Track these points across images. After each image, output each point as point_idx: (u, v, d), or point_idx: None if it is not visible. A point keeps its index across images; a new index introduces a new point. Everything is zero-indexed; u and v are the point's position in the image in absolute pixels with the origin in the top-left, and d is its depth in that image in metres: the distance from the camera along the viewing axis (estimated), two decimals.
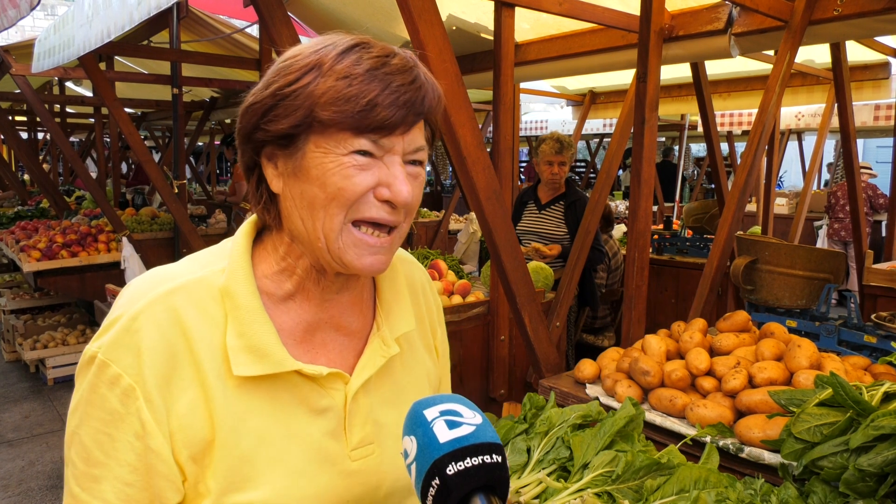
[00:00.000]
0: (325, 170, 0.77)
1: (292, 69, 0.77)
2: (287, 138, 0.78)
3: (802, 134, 12.75)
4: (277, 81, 0.77)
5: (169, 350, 0.76)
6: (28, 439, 4.29)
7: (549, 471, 1.52)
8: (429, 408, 0.70)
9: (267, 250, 0.86)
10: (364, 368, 0.87)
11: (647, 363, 2.00)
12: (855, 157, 4.40)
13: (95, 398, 0.75)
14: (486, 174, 2.09)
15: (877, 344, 2.29)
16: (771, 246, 2.68)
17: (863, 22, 2.88)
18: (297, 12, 3.94)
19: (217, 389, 0.77)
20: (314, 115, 0.75)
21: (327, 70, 0.76)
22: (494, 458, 0.66)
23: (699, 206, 5.78)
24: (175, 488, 0.76)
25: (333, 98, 0.74)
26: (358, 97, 0.74)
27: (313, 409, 0.83)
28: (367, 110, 0.75)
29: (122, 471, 0.74)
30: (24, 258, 5.08)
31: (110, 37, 2.78)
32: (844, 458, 1.38)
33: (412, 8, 1.81)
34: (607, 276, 4.66)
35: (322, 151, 0.77)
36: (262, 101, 0.78)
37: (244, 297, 0.80)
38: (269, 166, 0.81)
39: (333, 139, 0.76)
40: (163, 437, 0.75)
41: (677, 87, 6.00)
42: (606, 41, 3.59)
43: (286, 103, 0.76)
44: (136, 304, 0.77)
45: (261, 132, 0.79)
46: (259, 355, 0.78)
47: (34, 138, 11.44)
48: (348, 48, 0.77)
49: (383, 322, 0.91)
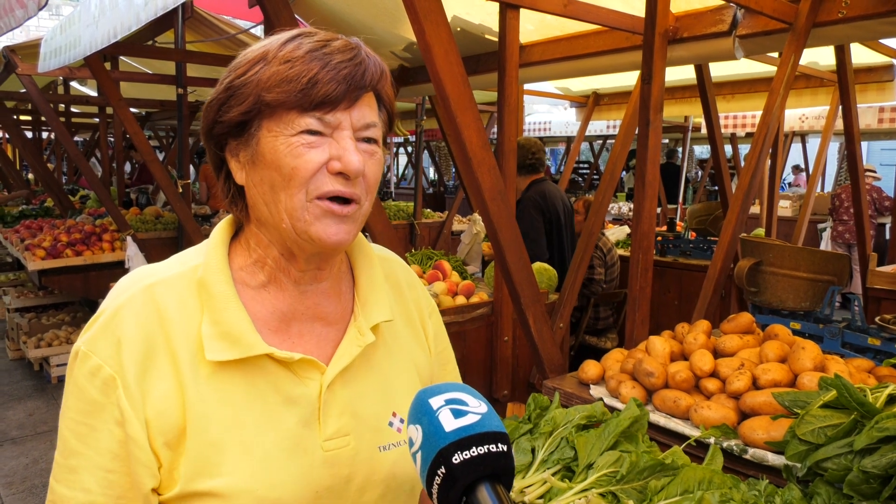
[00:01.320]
0: (277, 152, 0.80)
1: (241, 63, 0.82)
2: (241, 126, 0.82)
3: (806, 136, 12.73)
4: (229, 77, 0.82)
5: (147, 340, 0.79)
6: (32, 437, 4.31)
7: (553, 471, 1.52)
8: (434, 396, 0.70)
9: (241, 244, 0.89)
10: (340, 358, 0.88)
11: (652, 364, 2.00)
12: (859, 160, 4.40)
13: (75, 390, 0.78)
14: (492, 175, 2.10)
15: (881, 346, 2.29)
16: (775, 248, 2.69)
17: (868, 24, 2.88)
18: (302, 13, 3.95)
19: (190, 377, 0.80)
20: (261, 99, 0.79)
21: (272, 58, 0.80)
22: (500, 448, 0.66)
23: (702, 208, 5.77)
24: (151, 474, 0.78)
25: (277, 80, 0.79)
26: (299, 76, 0.78)
27: (287, 397, 0.84)
28: (308, 87, 0.78)
29: (103, 459, 0.77)
30: (28, 257, 5.10)
31: (117, 37, 2.79)
32: (849, 460, 1.38)
33: (418, 9, 1.82)
34: (605, 272, 4.66)
35: (273, 135, 0.80)
36: (217, 97, 0.83)
37: (218, 286, 0.83)
38: (233, 160, 0.85)
39: (282, 121, 0.80)
40: (140, 425, 0.77)
41: (681, 88, 5.99)
42: (611, 43, 3.59)
43: (237, 93, 0.81)
44: (118, 298, 0.82)
45: (218, 126, 0.84)
46: (231, 341, 0.81)
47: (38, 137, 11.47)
48: (291, 37, 0.82)
49: (360, 312, 0.93)
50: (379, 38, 4.14)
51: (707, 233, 5.55)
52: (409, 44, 4.15)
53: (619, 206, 10.37)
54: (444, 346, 1.08)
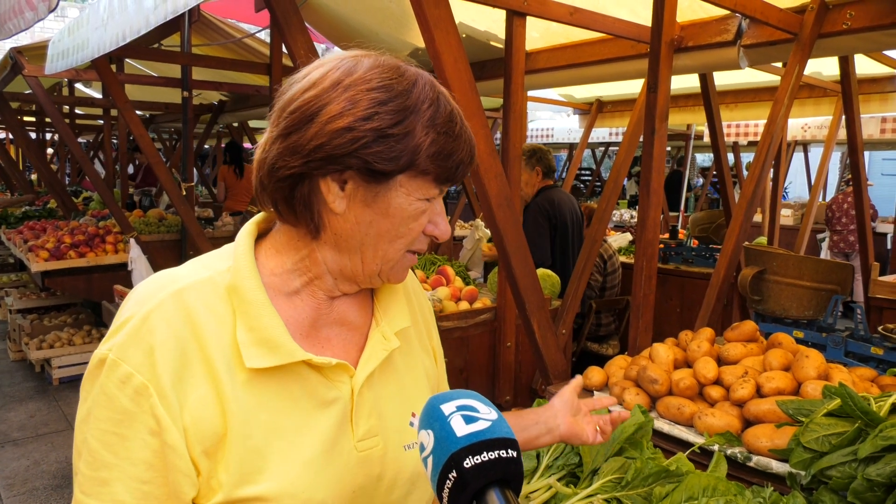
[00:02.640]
0: (404, 211, 0.84)
1: (394, 108, 0.80)
2: (382, 175, 0.82)
3: (808, 145, 12.75)
4: (380, 117, 0.79)
5: (180, 347, 0.78)
6: (33, 439, 4.31)
7: (558, 476, 1.53)
8: (445, 403, 0.72)
9: (275, 249, 0.88)
10: (368, 361, 0.90)
11: (656, 371, 2.01)
12: (862, 170, 4.42)
13: (104, 399, 0.76)
14: (498, 181, 2.11)
15: (883, 356, 2.30)
16: (779, 257, 2.70)
17: (872, 36, 2.90)
18: (308, 19, 3.97)
19: (228, 384, 0.79)
20: (416, 162, 0.81)
21: (428, 120, 0.81)
22: (510, 453, 0.68)
23: (705, 216, 5.78)
24: (191, 483, 0.77)
25: (437, 153, 0.82)
26: (454, 154, 0.83)
27: (321, 401, 0.85)
28: (455, 167, 0.84)
29: (137, 469, 0.75)
30: (32, 258, 5.11)
31: (125, 40, 2.80)
32: (853, 468, 1.39)
33: (428, 17, 1.83)
34: (603, 279, 4.67)
35: (405, 192, 0.83)
36: (364, 132, 0.79)
37: (251, 293, 0.82)
38: (334, 186, 0.82)
39: (418, 184, 0.83)
40: (178, 433, 0.76)
41: (684, 97, 6.01)
42: (616, 51, 3.61)
43: (391, 144, 0.80)
44: (146, 304, 0.80)
45: (356, 160, 0.80)
46: (270, 347, 0.81)
47: (42, 139, 11.50)
48: (436, 97, 0.83)
49: (382, 317, 0.95)
50: (385, 44, 4.15)
51: (709, 241, 5.56)
52: (415, 49, 4.17)
53: (620, 213, 10.38)
54: (440, 348, 1.12)
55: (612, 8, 3.29)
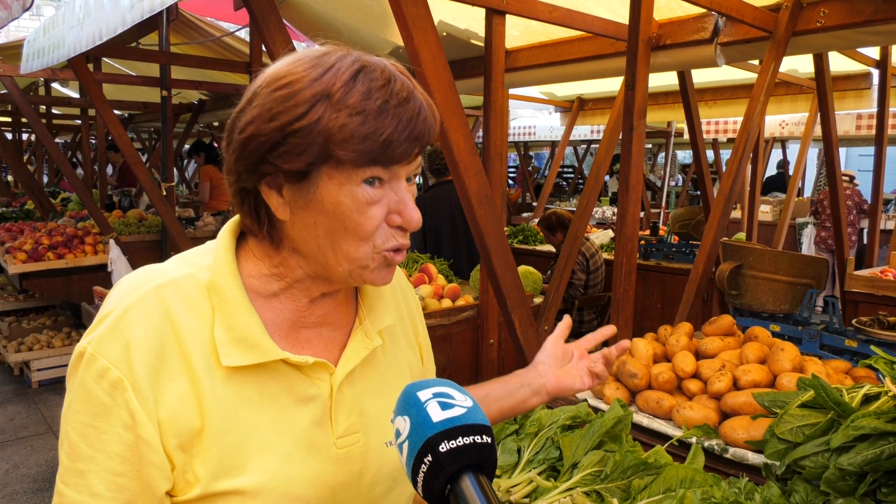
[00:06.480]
0: (341, 206, 0.79)
1: (298, 100, 0.75)
2: (300, 174, 0.78)
3: (786, 142, 12.91)
4: (283, 114, 0.76)
5: (158, 342, 0.78)
6: (12, 442, 4.26)
7: (539, 470, 1.55)
8: (422, 390, 0.73)
9: (251, 255, 0.88)
10: (348, 360, 0.91)
11: (635, 366, 2.03)
12: (837, 166, 4.48)
13: (82, 392, 0.77)
14: (478, 179, 2.12)
15: (857, 348, 2.34)
16: (755, 252, 2.73)
17: (845, 33, 2.95)
18: (288, 17, 3.95)
19: (206, 380, 0.80)
20: (329, 151, 0.76)
21: (337, 102, 0.75)
22: (485, 439, 0.69)
23: (685, 213, 5.85)
24: (165, 476, 0.78)
25: (349, 136, 0.75)
26: (374, 135, 0.75)
27: (300, 398, 0.86)
28: (383, 148, 0.76)
29: (112, 462, 0.76)
30: (9, 260, 5.04)
31: (102, 39, 2.78)
32: (826, 458, 1.42)
33: (406, 15, 1.84)
34: (586, 278, 4.70)
35: (336, 183, 0.78)
36: (269, 134, 0.76)
37: (231, 291, 0.83)
38: (272, 194, 0.81)
39: (346, 172, 0.77)
40: (152, 427, 0.77)
41: (664, 94, 6.07)
42: (595, 49, 3.64)
43: (297, 140, 0.75)
44: (127, 299, 0.80)
45: (269, 166, 0.78)
46: (247, 346, 0.81)
47: (18, 139, 11.32)
48: (353, 76, 0.77)
49: (366, 316, 0.95)
50: (365, 42, 4.15)
51: (689, 237, 5.62)
52: (396, 48, 4.17)
53: (602, 211, 10.45)
54: (427, 343, 1.12)
55: (591, 6, 3.32)
